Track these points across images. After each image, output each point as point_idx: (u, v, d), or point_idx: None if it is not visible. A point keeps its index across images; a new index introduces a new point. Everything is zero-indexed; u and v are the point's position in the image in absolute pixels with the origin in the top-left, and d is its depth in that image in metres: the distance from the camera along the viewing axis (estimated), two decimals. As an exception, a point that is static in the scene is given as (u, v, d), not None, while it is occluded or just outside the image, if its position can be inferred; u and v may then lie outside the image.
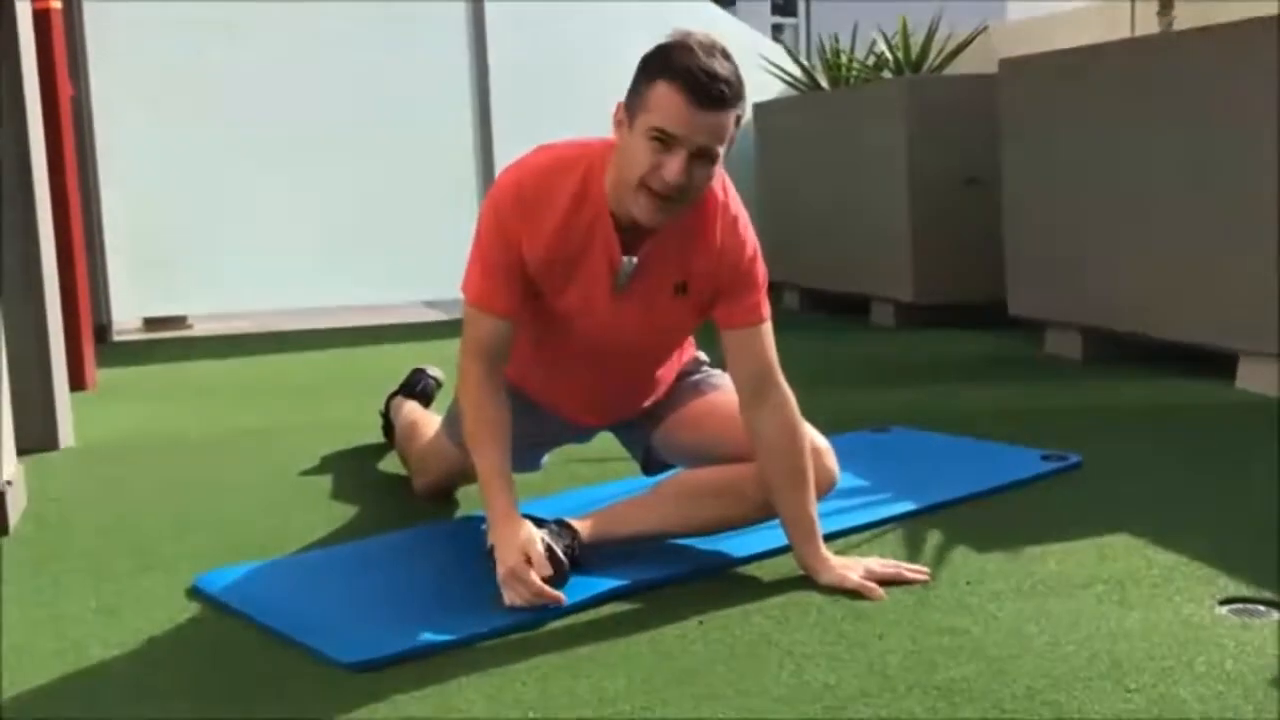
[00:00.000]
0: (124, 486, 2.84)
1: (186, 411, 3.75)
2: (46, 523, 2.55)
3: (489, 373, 2.08)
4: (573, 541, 2.07)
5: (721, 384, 2.31)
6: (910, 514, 2.40)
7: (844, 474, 2.61)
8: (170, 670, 1.80)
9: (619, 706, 1.61)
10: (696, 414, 2.27)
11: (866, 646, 1.78)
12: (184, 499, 2.72)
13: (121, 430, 3.46)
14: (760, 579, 2.09)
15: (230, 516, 2.57)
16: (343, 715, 1.60)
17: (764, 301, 2.11)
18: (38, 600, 2.09)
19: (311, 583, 2.14)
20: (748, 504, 2.14)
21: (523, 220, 2.03)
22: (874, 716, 1.55)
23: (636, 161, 1.93)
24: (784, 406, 2.08)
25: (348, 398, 3.81)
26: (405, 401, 2.95)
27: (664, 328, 2.19)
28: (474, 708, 1.62)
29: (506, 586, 1.93)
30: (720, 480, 2.16)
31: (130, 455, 3.16)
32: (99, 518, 2.59)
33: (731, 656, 1.76)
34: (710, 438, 2.23)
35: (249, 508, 2.63)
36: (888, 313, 5.08)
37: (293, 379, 4.36)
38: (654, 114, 1.90)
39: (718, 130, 1.93)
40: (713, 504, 2.15)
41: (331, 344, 5.11)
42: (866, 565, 2.05)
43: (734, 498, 2.14)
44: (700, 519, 2.15)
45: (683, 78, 1.89)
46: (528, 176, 2.04)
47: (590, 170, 2.02)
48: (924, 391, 3.71)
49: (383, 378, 3.25)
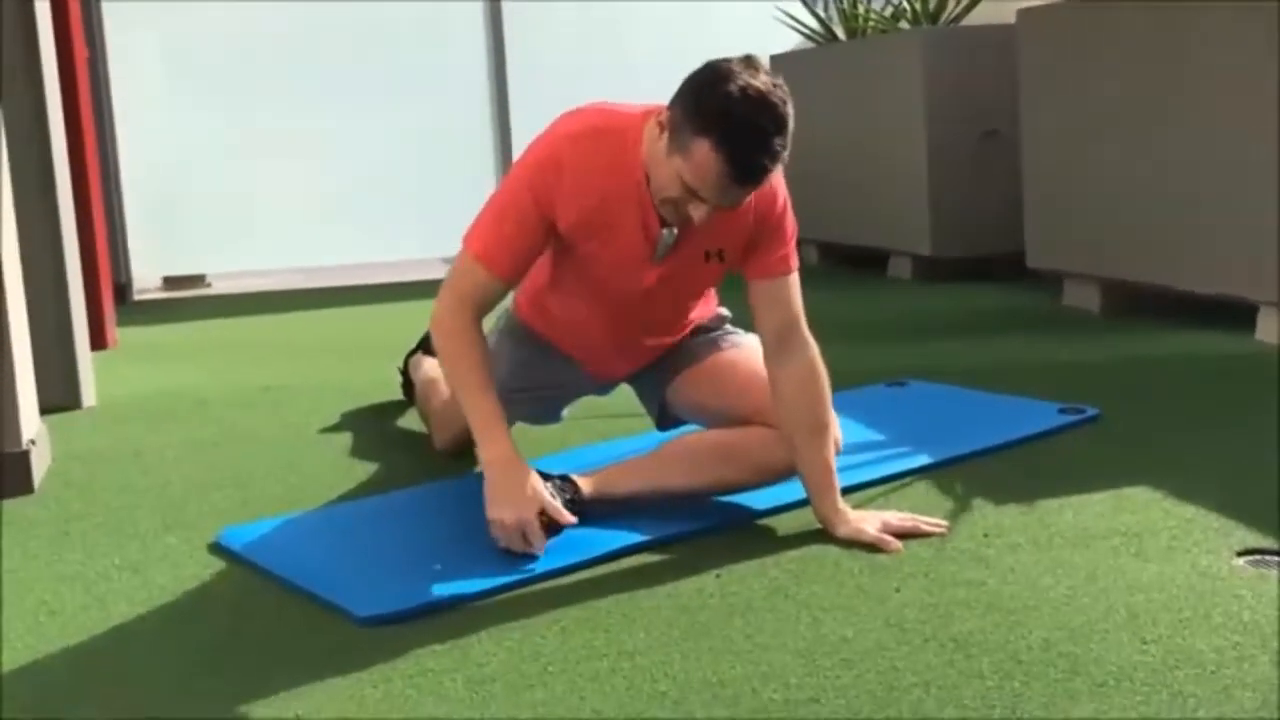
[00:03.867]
0: (146, 444, 2.86)
1: (207, 370, 3.77)
2: (70, 481, 2.57)
3: (476, 324, 2.04)
4: (574, 496, 2.08)
5: (740, 342, 2.30)
6: (927, 468, 2.39)
7: (861, 428, 2.63)
8: (193, 625, 1.81)
9: (638, 660, 1.62)
10: (711, 370, 2.27)
11: (883, 599, 1.78)
12: (205, 456, 2.74)
13: (143, 389, 3.48)
14: (777, 533, 2.09)
15: (251, 473, 2.58)
16: (363, 669, 1.62)
17: (793, 253, 2.10)
18: (63, 558, 2.11)
19: (331, 538, 2.15)
20: (749, 469, 2.14)
21: (560, 188, 2.01)
22: (891, 669, 1.56)
23: (665, 183, 1.90)
24: (808, 357, 2.08)
25: (367, 355, 3.82)
26: (424, 359, 2.96)
27: (693, 290, 2.19)
28: (493, 660, 1.64)
29: (502, 531, 1.93)
30: (723, 443, 2.16)
31: (152, 414, 3.18)
32: (122, 476, 2.61)
33: (749, 610, 1.77)
34: (722, 395, 2.23)
35: (270, 465, 2.65)
36: (905, 267, 5.05)
37: (312, 337, 4.38)
38: (689, 170, 1.84)
39: (750, 193, 1.91)
40: (715, 466, 2.15)
41: (351, 302, 5.12)
42: (883, 518, 2.05)
43: (736, 461, 2.14)
44: (702, 480, 2.15)
45: (731, 151, 1.81)
46: (567, 145, 2.01)
47: (629, 139, 1.99)
48: (941, 345, 3.69)
49: (402, 335, 3.25)
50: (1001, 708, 1.44)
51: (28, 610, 1.88)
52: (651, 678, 1.56)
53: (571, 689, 1.54)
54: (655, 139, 1.92)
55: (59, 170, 3.23)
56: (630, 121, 2.00)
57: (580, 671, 1.59)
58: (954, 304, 4.38)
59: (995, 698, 1.47)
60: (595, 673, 1.59)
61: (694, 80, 1.87)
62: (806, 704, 1.48)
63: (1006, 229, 4.52)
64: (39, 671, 1.67)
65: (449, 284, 2.07)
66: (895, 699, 1.48)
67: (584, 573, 1.94)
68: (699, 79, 1.86)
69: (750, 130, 1.81)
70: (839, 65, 5.47)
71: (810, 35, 5.93)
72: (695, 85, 1.86)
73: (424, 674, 1.60)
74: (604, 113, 2.04)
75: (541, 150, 2.03)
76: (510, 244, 2.04)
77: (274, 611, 1.85)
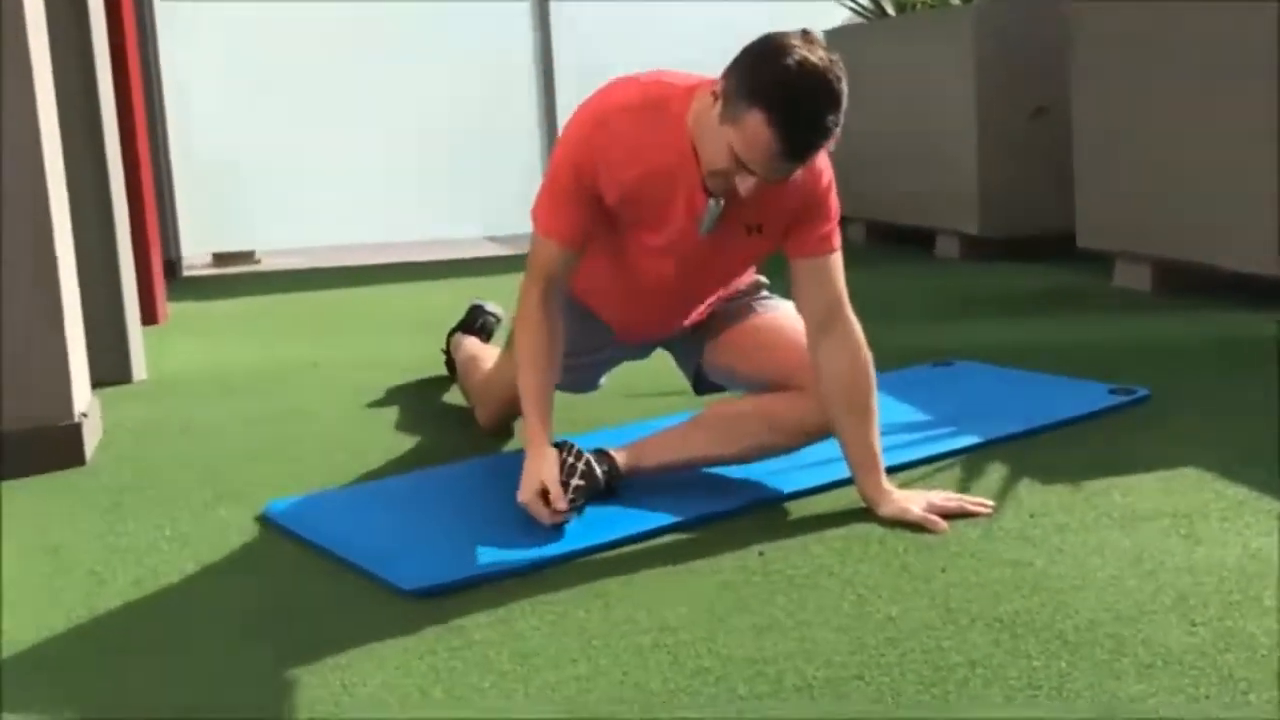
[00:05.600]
0: (196, 418, 2.89)
1: (255, 345, 3.81)
2: (122, 454, 2.61)
3: (544, 299, 2.08)
4: (610, 468, 2.09)
5: (777, 307, 2.29)
6: (974, 448, 2.38)
7: (907, 407, 2.61)
8: (241, 596, 1.84)
9: (680, 635, 1.62)
10: (745, 333, 2.27)
11: (929, 579, 1.78)
12: (254, 430, 2.76)
13: (193, 363, 3.51)
14: (821, 511, 2.09)
15: (298, 447, 2.61)
16: (409, 640, 1.63)
17: (836, 232, 2.09)
18: (114, 529, 2.14)
19: (377, 512, 2.17)
20: (783, 432, 2.14)
21: (603, 159, 2.01)
22: (936, 648, 1.55)
23: (714, 155, 1.89)
24: (851, 338, 2.07)
25: (413, 331, 3.84)
26: (465, 338, 2.98)
27: (735, 263, 2.18)
28: (537, 634, 1.65)
29: (526, 510, 2.00)
30: (756, 409, 2.17)
31: (201, 388, 3.22)
32: (172, 449, 2.64)
33: (792, 587, 1.77)
34: (756, 357, 2.23)
35: (317, 439, 2.67)
36: (953, 245, 5.01)
37: (360, 313, 4.41)
38: (740, 141, 1.83)
39: (800, 168, 1.90)
40: (748, 432, 2.15)
41: (396, 279, 5.15)
42: (929, 498, 2.04)
43: (770, 426, 2.14)
44: (736, 447, 2.16)
45: (783, 124, 1.79)
46: (612, 114, 2.00)
47: (675, 111, 1.98)
48: (989, 325, 3.67)
49: (446, 312, 3.27)
50: (1048, 688, 1.44)
51: (79, 580, 1.91)
52: (694, 653, 1.57)
53: (614, 663, 1.55)
54: (707, 108, 1.91)
55: (109, 146, 3.26)
56: (677, 92, 1.99)
57: (623, 646, 1.60)
58: (1002, 283, 4.35)
59: (1041, 678, 1.46)
60: (638, 647, 1.59)
61: (751, 51, 1.85)
62: (851, 682, 1.47)
63: (1056, 207, 4.47)
64: (91, 641, 1.70)
65: (529, 260, 2.11)
66: (941, 678, 1.47)
67: (626, 548, 1.95)
68: (756, 50, 1.85)
69: (804, 106, 1.80)
70: (888, 40, 5.43)
71: (860, 10, 5.88)
72: (752, 56, 1.85)
73: (469, 646, 1.61)
74: (651, 83, 2.03)
75: (587, 123, 2.03)
76: (567, 215, 2.06)
77: (320, 583, 1.87)
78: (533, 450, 2.03)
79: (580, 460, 2.03)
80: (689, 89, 1.99)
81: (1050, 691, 1.43)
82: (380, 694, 1.50)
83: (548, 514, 1.97)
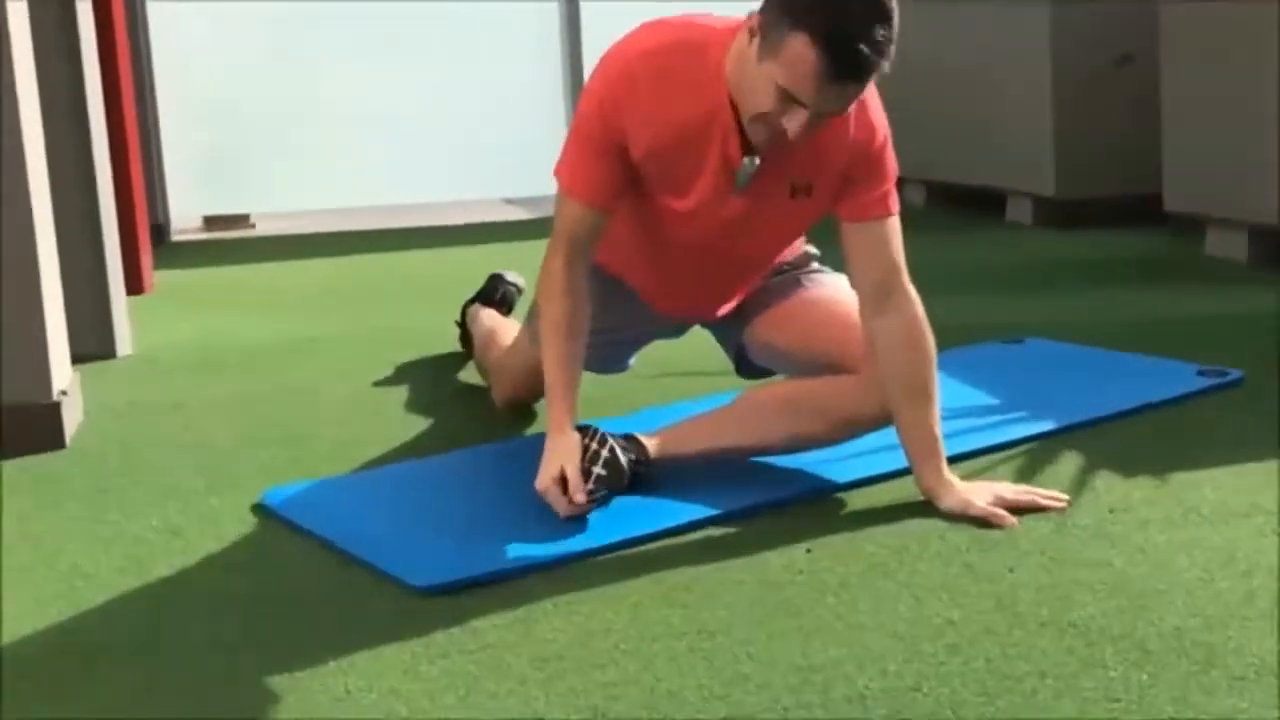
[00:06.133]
0: (187, 397, 2.91)
1: (251, 317, 3.83)
2: (105, 436, 2.63)
3: (571, 266, 2.09)
4: (639, 457, 2.09)
5: (826, 281, 2.29)
6: (1047, 434, 2.37)
7: (972, 389, 2.60)
8: (237, 592, 1.85)
9: (718, 640, 1.63)
10: (792, 310, 2.26)
11: (994, 579, 1.77)
12: (250, 411, 2.78)
13: (183, 337, 3.54)
14: (875, 504, 2.08)
15: (299, 430, 2.63)
16: (419, 642, 1.64)
17: (893, 195, 2.08)
18: (99, 518, 2.16)
19: (384, 500, 2.18)
20: (831, 422, 2.13)
21: (631, 108, 2.01)
22: (1002, 656, 1.55)
23: (756, 97, 1.89)
24: (910, 312, 2.06)
25: (424, 303, 3.85)
26: (482, 309, 2.98)
27: (779, 229, 2.17)
28: (560, 636, 1.65)
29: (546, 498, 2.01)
30: (801, 394, 2.16)
31: (193, 364, 3.24)
32: (161, 431, 2.66)
33: (843, 588, 1.77)
34: (803, 336, 2.22)
35: (319, 420, 2.69)
36: (1025, 209, 4.99)
37: (364, 283, 4.42)
38: (783, 70, 1.83)
39: (853, 96, 1.89)
40: (792, 420, 2.14)
41: (405, 245, 5.16)
42: (995, 490, 2.04)
43: (815, 414, 2.13)
44: (778, 436, 2.16)
45: (826, 42, 1.79)
46: (640, 60, 2.00)
47: (711, 57, 1.97)
48: (1065, 298, 3.65)
49: (460, 281, 3.27)
50: (1126, 701, 1.43)
51: (61, 574, 1.93)
52: (734, 659, 1.57)
53: (645, 669, 1.56)
54: (744, 48, 1.90)
55: (91, 100, 3.27)
56: (714, 36, 1.99)
57: (655, 651, 1.60)
58: (1080, 251, 4.32)
59: (1119, 689, 1.46)
60: (672, 652, 1.60)
61: None
62: (907, 693, 1.47)
63: (1141, 168, 4.44)
64: (72, 639, 1.72)
65: (554, 223, 2.12)
66: (1006, 689, 1.47)
67: (659, 543, 1.95)
68: None
69: (850, 18, 1.80)
70: (953, -19, 5.39)
71: (920, -52, 5.84)
72: None
73: (485, 649, 1.62)
74: (684, 25, 2.02)
75: (613, 69, 2.03)
76: (593, 172, 2.06)
77: (323, 579, 1.88)
78: (554, 433, 2.04)
79: (604, 447, 2.04)
80: (727, 31, 1.98)
81: (1129, 705, 1.42)
82: (387, 700, 1.51)
83: (565, 504, 1.98)
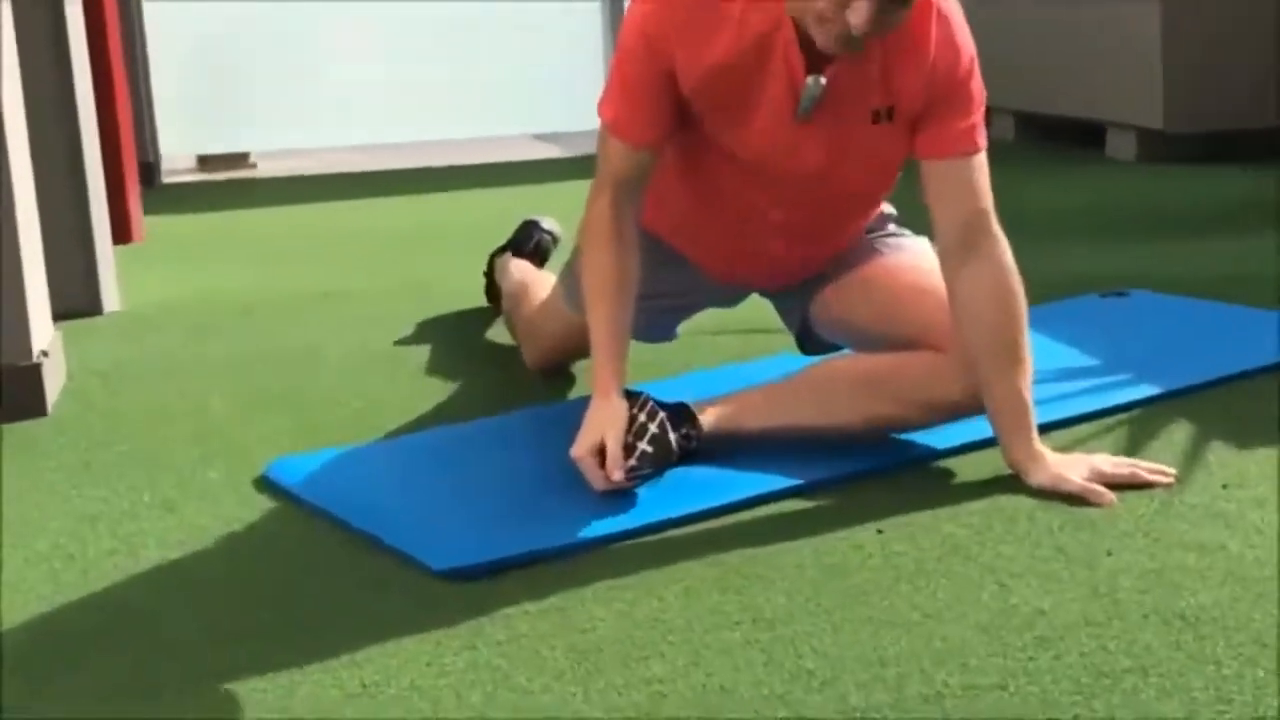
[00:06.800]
0: (181, 359, 2.94)
1: (253, 269, 3.85)
2: (91, 402, 2.66)
3: (616, 211, 2.10)
4: (690, 431, 2.10)
5: (907, 245, 2.28)
6: (1152, 400, 2.37)
7: (1067, 349, 2.59)
8: (237, 576, 1.87)
9: (778, 630, 1.63)
10: (867, 279, 2.25)
11: (1091, 564, 1.77)
12: (253, 374, 2.81)
13: (176, 291, 3.57)
14: (955, 478, 2.09)
15: (307, 395, 2.65)
16: (442, 632, 1.66)
17: (980, 127, 2.08)
18: (84, 493, 2.19)
19: (403, 473, 2.20)
20: (913, 404, 2.12)
21: (679, 30, 2.01)
22: (1099, 650, 1.55)
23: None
24: (998, 260, 2.05)
25: (446, 252, 3.87)
26: (513, 260, 2.99)
27: (859, 165, 2.16)
28: (600, 626, 1.66)
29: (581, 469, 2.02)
30: (880, 371, 2.15)
31: (188, 321, 3.27)
32: (153, 396, 2.69)
33: (918, 573, 1.77)
34: (880, 310, 2.21)
35: (329, 385, 2.71)
36: (1129, 143, 4.95)
37: (379, 230, 4.44)
38: None
39: None
40: (868, 400, 2.14)
41: (425, 187, 5.18)
42: (1092, 464, 2.03)
43: (895, 394, 2.12)
44: (851, 417, 2.15)
45: None
46: None
47: None
48: (1173, 245, 3.63)
49: (487, 228, 3.28)
50: (1240, 702, 1.43)
51: (41, 555, 1.95)
52: (795, 652, 1.58)
53: (695, 663, 1.56)
54: None
55: (72, 26, 3.29)
56: None
57: (706, 642, 1.61)
58: (1190, 192, 4.29)
59: (1233, 689, 1.45)
60: (725, 644, 1.60)
61: None
62: (991, 691, 1.48)
63: (1262, 95, 4.40)
64: (55, 628, 1.74)
65: (598, 165, 2.13)
66: (1104, 687, 1.47)
67: (712, 522, 1.96)
68: None
69: None
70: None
71: None
72: None
73: (516, 640, 1.64)
74: None
75: None
76: (640, 104, 2.07)
77: (334, 561, 1.90)
78: (598, 397, 2.05)
79: (654, 421, 2.04)
80: None
81: (1243, 706, 1.42)
82: (407, 696, 1.52)
83: (601, 478, 1.99)
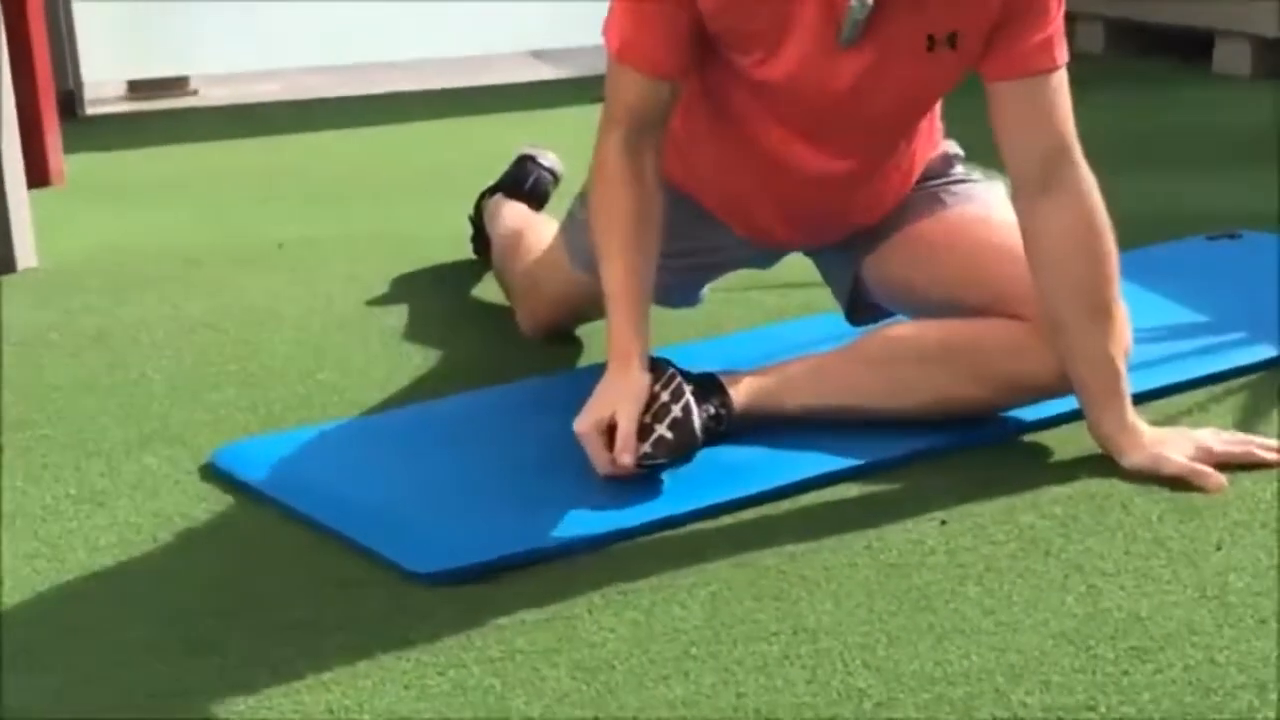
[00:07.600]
0: (112, 323, 2.94)
1: (195, 216, 3.85)
2: (3, 376, 2.66)
3: (629, 150, 2.10)
4: (719, 410, 2.10)
5: (977, 194, 2.28)
6: (1270, 363, 2.37)
7: (1167, 303, 2.59)
8: (181, 582, 1.88)
9: (822, 642, 1.64)
10: (932, 236, 2.25)
11: (1196, 561, 1.77)
12: (197, 341, 2.80)
13: (104, 243, 3.56)
14: (1035, 459, 2.09)
15: (260, 365, 2.65)
16: (424, 648, 1.66)
17: (1059, 40, 2.07)
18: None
19: (376, 460, 2.20)
20: (987, 380, 2.12)
21: None
22: (1207, 661, 1.55)
23: None
24: (1083, 197, 2.05)
25: (425, 194, 3.86)
26: (506, 203, 2.99)
27: (910, 97, 2.15)
28: (611, 639, 1.67)
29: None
30: (948, 340, 2.15)
31: (119, 279, 3.26)
32: (78, 368, 2.69)
33: (989, 572, 1.77)
34: (949, 273, 2.21)
35: (286, 353, 2.71)
36: (1241, 56, 4.93)
37: (346, 168, 4.43)
38: None
39: None
40: (934, 375, 2.14)
41: (399, 116, 5.17)
42: (1198, 440, 2.03)
43: (969, 369, 2.12)
44: (913, 396, 2.15)
45: None
46: None
47: None
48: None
49: (474, 165, 3.28)
50: (1375, 723, 1.43)
51: (-49, 557, 1.97)
52: (844, 667, 1.58)
53: (725, 682, 1.57)
54: None
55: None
56: None
57: (737, 657, 1.61)
58: (1316, 114, 4.27)
59: (1366, 708, 1.46)
60: (761, 659, 1.61)
61: None
62: (1078, 711, 1.48)
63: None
64: (-32, 643, 1.75)
65: (604, 102, 2.13)
66: (1213, 705, 1.47)
67: (742, 514, 1.96)
68: None
69: None
70: None
71: None
72: None
73: (511, 656, 1.64)
74: None
75: None
76: (653, 26, 2.06)
77: (294, 563, 1.90)
78: (616, 366, 2.04)
79: (678, 402, 2.02)
80: None
81: (1380, 728, 1.42)
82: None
83: (605, 460, 1.99)
